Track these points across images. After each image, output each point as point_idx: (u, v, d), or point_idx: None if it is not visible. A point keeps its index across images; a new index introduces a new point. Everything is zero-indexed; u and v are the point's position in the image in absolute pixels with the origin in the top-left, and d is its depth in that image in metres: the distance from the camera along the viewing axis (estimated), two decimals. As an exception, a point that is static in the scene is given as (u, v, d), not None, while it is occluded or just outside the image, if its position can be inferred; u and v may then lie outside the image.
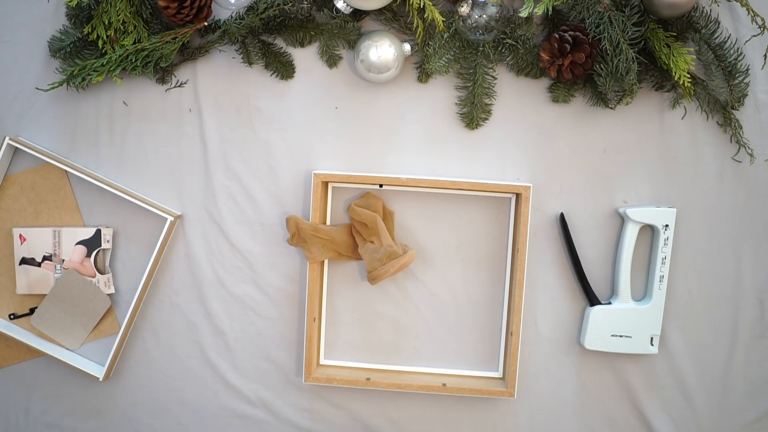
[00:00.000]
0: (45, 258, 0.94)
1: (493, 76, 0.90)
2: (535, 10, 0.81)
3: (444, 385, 0.91)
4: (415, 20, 0.85)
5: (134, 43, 0.87)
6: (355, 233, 0.91)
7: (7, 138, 0.91)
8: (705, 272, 0.93)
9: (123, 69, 0.88)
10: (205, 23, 0.88)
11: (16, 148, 0.92)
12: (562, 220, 0.92)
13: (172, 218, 0.91)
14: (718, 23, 0.86)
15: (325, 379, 0.92)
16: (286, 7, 0.86)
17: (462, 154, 0.92)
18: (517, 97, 0.91)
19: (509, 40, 0.88)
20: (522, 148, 0.92)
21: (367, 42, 0.86)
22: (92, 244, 0.94)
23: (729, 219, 0.92)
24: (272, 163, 0.93)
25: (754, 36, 0.87)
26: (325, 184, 0.91)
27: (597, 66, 0.85)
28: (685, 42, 0.87)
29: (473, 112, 0.90)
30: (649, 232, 0.92)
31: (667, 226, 0.90)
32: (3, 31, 0.92)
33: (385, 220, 0.91)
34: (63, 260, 0.94)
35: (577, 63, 0.85)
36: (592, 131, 0.92)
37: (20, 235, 0.94)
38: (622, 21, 0.81)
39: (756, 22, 0.85)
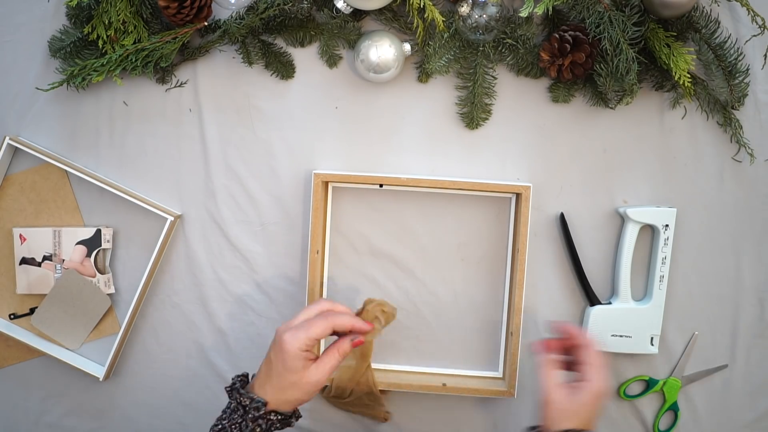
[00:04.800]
0: (45, 258, 0.94)
1: (493, 76, 0.90)
2: (535, 10, 0.81)
3: (444, 385, 0.91)
4: (415, 20, 0.85)
5: (134, 43, 0.87)
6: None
7: (7, 138, 0.91)
8: (705, 272, 0.93)
9: (123, 69, 0.88)
10: (205, 23, 0.88)
11: (16, 148, 0.92)
12: (563, 219, 0.92)
13: (172, 218, 0.91)
14: (718, 23, 0.86)
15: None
16: (286, 7, 0.86)
17: (462, 154, 0.92)
18: (517, 97, 0.91)
19: (509, 40, 0.88)
20: (522, 148, 0.92)
21: (367, 42, 0.86)
22: (92, 244, 0.94)
23: (729, 219, 0.92)
24: (272, 163, 0.93)
25: (754, 36, 0.87)
26: (326, 183, 0.91)
27: (597, 66, 0.85)
28: (685, 42, 0.87)
29: (473, 112, 0.90)
30: (649, 232, 0.92)
31: (667, 226, 0.90)
32: (3, 31, 0.92)
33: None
34: (63, 260, 0.94)
35: (577, 63, 0.85)
36: (592, 131, 0.92)
37: (20, 235, 0.94)
38: (622, 21, 0.81)
39: (756, 22, 0.85)
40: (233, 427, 0.73)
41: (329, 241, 0.94)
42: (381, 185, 0.91)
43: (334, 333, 0.75)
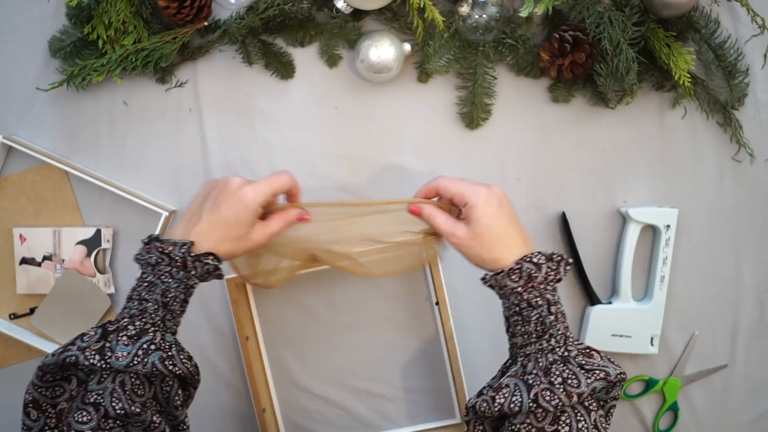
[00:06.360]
0: (45, 258, 0.94)
1: (493, 76, 0.90)
2: (535, 10, 0.81)
3: None
4: (415, 20, 0.85)
5: (134, 43, 0.87)
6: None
7: (0, 137, 0.91)
8: (705, 272, 0.93)
9: (123, 69, 0.88)
10: (205, 23, 0.88)
11: (16, 148, 0.92)
12: (564, 219, 0.92)
13: (167, 213, 0.91)
14: (718, 23, 0.86)
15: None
16: (286, 7, 0.86)
17: (462, 154, 0.92)
18: (517, 97, 0.91)
19: (509, 40, 0.88)
20: (522, 148, 0.92)
21: (367, 42, 0.86)
22: (92, 243, 0.94)
23: (729, 219, 0.92)
24: (272, 163, 0.93)
25: (754, 36, 0.87)
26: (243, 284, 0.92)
27: (597, 66, 0.85)
28: (685, 42, 0.87)
29: (473, 112, 0.90)
30: (650, 232, 0.92)
31: (668, 226, 0.90)
32: (3, 31, 0.92)
33: None
34: (63, 260, 0.94)
35: (577, 63, 0.85)
36: (592, 131, 0.92)
37: (20, 235, 0.94)
38: (622, 21, 0.81)
39: (756, 22, 0.85)
40: (163, 276, 0.68)
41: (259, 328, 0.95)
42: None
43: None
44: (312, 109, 0.92)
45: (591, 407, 0.63)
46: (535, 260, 0.67)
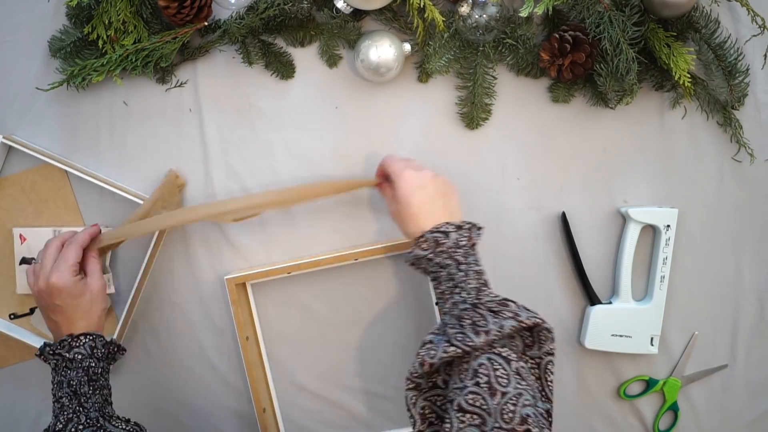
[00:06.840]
0: (45, 258, 0.94)
1: (493, 76, 0.90)
2: (535, 10, 0.81)
3: None
4: (415, 20, 0.85)
5: (134, 42, 0.87)
6: None
7: (0, 137, 0.91)
8: (705, 272, 0.93)
9: (123, 69, 0.88)
10: (205, 23, 0.88)
11: (11, 147, 0.92)
12: (564, 219, 0.92)
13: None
14: (718, 23, 0.86)
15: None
16: (286, 7, 0.86)
17: (462, 154, 0.92)
18: (517, 97, 0.91)
19: (509, 40, 0.88)
20: (522, 148, 0.92)
21: (367, 42, 0.86)
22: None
23: (729, 219, 0.92)
24: (272, 163, 0.93)
25: (754, 36, 0.88)
26: (243, 285, 0.93)
27: (597, 66, 0.85)
28: (685, 42, 0.87)
29: (473, 112, 0.90)
30: (650, 231, 0.92)
31: (668, 226, 0.90)
32: (3, 31, 0.92)
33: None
34: (63, 260, 0.94)
35: (577, 63, 0.85)
36: (592, 131, 0.92)
37: (20, 235, 0.94)
38: (622, 21, 0.81)
39: (756, 22, 0.85)
40: (62, 372, 0.78)
41: (259, 328, 0.96)
42: (290, 272, 0.91)
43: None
44: (312, 109, 0.92)
45: (510, 357, 0.66)
46: (442, 229, 0.73)
